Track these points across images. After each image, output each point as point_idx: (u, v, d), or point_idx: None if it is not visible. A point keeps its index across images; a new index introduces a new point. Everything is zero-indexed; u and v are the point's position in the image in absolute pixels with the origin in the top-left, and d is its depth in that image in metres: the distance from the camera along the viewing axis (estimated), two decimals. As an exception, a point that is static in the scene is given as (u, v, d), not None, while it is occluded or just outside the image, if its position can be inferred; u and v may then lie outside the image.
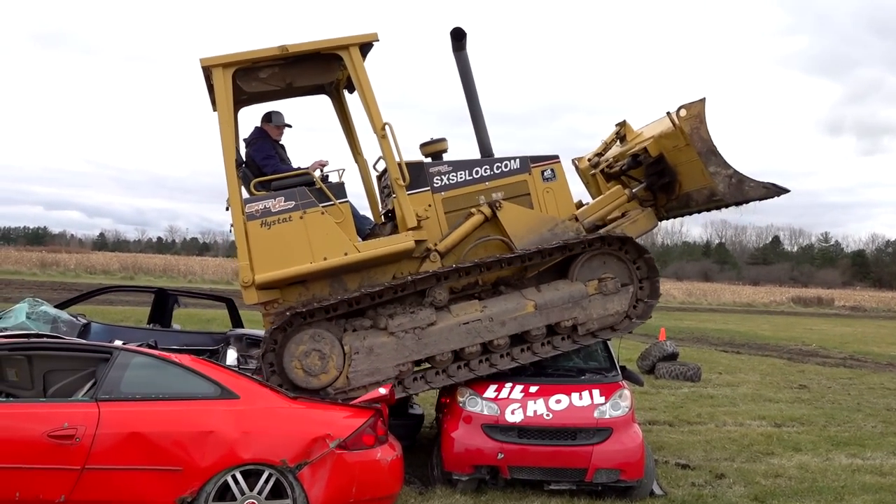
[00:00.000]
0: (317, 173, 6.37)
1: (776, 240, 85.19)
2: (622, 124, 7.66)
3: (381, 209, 7.32)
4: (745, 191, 6.78)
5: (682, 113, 6.62)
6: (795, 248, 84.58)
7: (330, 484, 4.89)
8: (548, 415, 6.08)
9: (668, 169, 7.04)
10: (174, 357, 5.26)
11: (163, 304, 8.90)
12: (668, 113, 6.74)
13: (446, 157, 6.79)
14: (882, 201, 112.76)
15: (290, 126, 6.98)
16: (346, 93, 7.34)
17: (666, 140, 6.92)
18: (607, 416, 6.09)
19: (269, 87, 6.56)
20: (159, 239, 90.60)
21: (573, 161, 8.11)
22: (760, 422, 10.01)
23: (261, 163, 6.63)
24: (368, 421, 5.14)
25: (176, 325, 9.12)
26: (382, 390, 5.39)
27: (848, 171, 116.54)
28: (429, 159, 6.69)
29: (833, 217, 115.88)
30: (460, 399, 6.28)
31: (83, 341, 6.80)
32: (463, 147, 7.23)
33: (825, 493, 6.79)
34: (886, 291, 60.85)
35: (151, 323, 8.82)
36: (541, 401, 6.16)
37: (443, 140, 6.76)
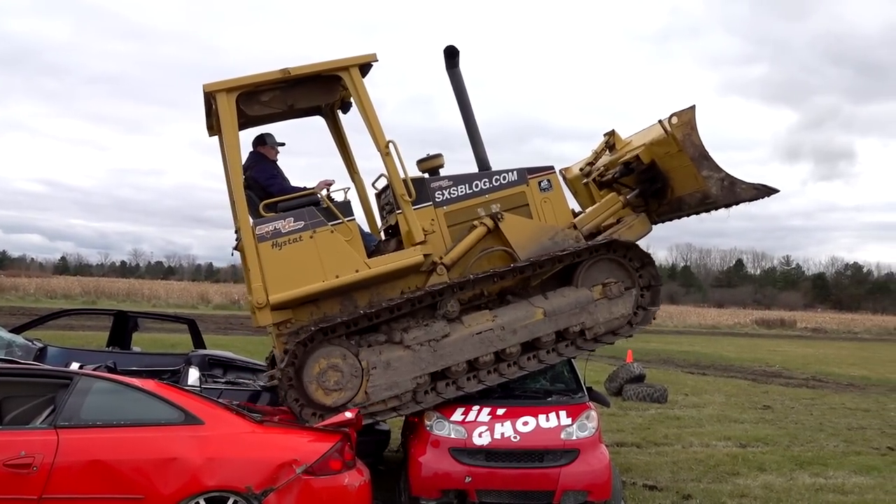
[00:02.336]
0: (323, 192, 6.42)
1: (739, 263, 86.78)
2: (611, 133, 7.82)
3: (380, 226, 7.39)
4: (737, 192, 6.94)
5: (674, 120, 6.79)
6: (758, 271, 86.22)
7: None
8: (515, 437, 6.06)
9: (659, 175, 7.19)
10: (137, 382, 5.16)
11: (123, 326, 8.76)
12: (660, 121, 6.90)
13: (442, 172, 6.88)
14: (840, 225, 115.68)
15: (283, 144, 7.04)
16: (340, 113, 7.45)
17: (658, 147, 7.07)
18: (574, 438, 6.10)
19: (270, 110, 6.62)
20: (123, 263, 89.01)
21: (560, 171, 8.24)
22: (726, 442, 10.11)
23: (266, 183, 6.66)
24: (335, 445, 5.07)
25: (136, 348, 8.97)
26: (349, 414, 5.34)
27: (807, 196, 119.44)
28: (426, 175, 6.78)
29: (794, 241, 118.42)
30: (427, 423, 6.23)
31: (42, 365, 6.65)
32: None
33: (789, 512, 6.89)
34: (846, 313, 62.21)
35: (111, 346, 8.66)
36: (508, 423, 6.15)
37: (439, 155, 6.85)
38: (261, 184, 6.65)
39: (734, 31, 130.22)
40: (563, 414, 6.25)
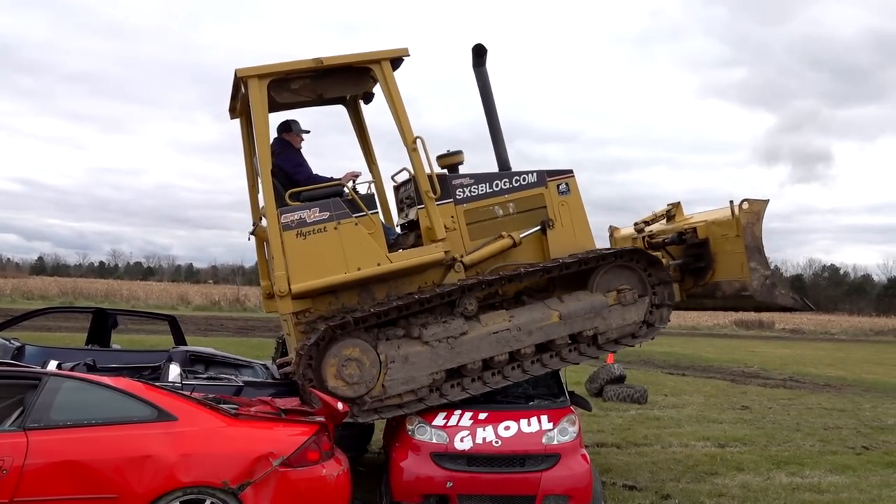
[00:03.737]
0: (349, 184, 6.46)
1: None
2: (676, 205, 8.11)
3: (396, 220, 7.43)
4: (775, 295, 7.12)
5: (745, 206, 7.03)
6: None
7: (274, 503, 4.81)
8: (497, 442, 6.08)
9: (707, 255, 7.38)
10: (107, 380, 5.12)
11: (101, 324, 8.70)
12: (731, 202, 7.12)
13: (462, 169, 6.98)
14: (818, 227, 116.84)
15: (308, 132, 7.05)
16: (362, 104, 7.50)
17: (717, 227, 7.28)
18: (555, 442, 6.12)
19: (299, 98, 6.66)
20: (101, 263, 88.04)
21: (609, 228, 8.43)
22: (705, 442, 10.22)
23: (292, 171, 6.66)
24: (312, 437, 5.09)
25: (116, 346, 8.90)
26: (340, 405, 5.37)
27: (785, 199, 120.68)
28: (444, 170, 6.83)
29: (772, 243, 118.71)
30: (409, 427, 6.23)
31: (11, 362, 6.58)
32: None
33: (766, 512, 6.98)
34: (823, 314, 62.88)
35: (90, 344, 8.59)
36: (490, 428, 6.16)
37: (459, 152, 6.94)
38: (286, 172, 6.63)
39: (714, 35, 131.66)
40: (544, 418, 6.27)
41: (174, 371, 6.77)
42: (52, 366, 6.60)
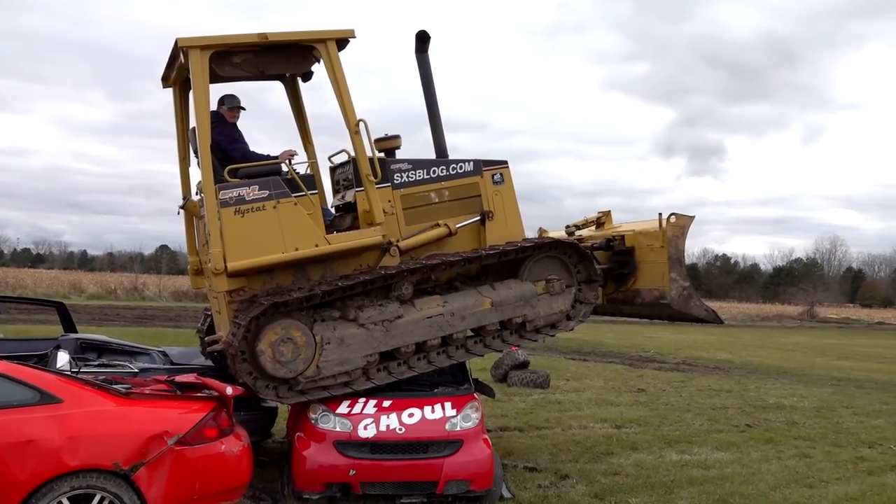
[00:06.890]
0: (288, 164, 6.33)
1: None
2: (606, 213, 8.42)
3: (331, 201, 7.31)
4: (690, 305, 7.50)
5: (672, 219, 7.35)
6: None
7: (170, 482, 4.74)
8: (400, 429, 6.12)
9: (631, 262, 7.67)
10: None
11: None
12: (660, 214, 7.43)
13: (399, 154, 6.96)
14: (711, 219, 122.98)
15: (244, 109, 6.85)
16: (300, 82, 7.34)
17: (644, 237, 7.58)
18: (458, 429, 6.22)
19: (240, 73, 6.49)
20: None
21: (539, 230, 8.59)
22: (602, 424, 10.62)
23: (228, 147, 6.45)
24: (210, 413, 5.03)
25: None
26: (230, 390, 5.29)
27: (681, 191, 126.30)
28: (381, 154, 6.76)
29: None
30: (312, 416, 6.19)
31: None
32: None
33: (657, 488, 7.36)
34: (715, 301, 66.21)
35: None
36: (394, 415, 6.20)
37: (397, 137, 6.93)
38: (222, 147, 6.42)
39: (618, 30, 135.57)
40: (448, 405, 6.36)
41: (63, 358, 6.49)
42: None
